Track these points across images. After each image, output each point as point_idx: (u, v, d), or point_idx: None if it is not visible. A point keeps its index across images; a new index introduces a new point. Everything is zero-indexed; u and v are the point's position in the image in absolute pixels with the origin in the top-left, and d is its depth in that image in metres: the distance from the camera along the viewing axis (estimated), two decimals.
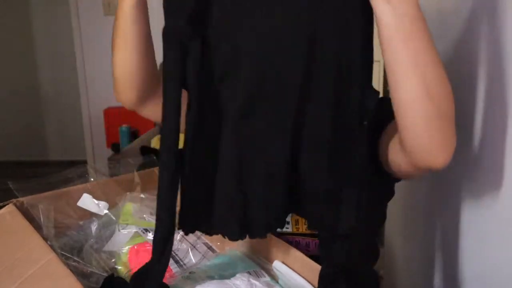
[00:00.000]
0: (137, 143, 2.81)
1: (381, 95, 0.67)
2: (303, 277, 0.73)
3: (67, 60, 3.78)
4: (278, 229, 0.80)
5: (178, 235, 0.81)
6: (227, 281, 0.70)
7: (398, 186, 0.83)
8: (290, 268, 0.75)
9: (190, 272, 0.76)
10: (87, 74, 3.45)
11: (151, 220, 0.87)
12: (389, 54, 0.58)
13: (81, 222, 0.85)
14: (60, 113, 4.24)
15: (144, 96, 0.79)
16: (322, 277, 0.68)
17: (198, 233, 0.80)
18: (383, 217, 0.87)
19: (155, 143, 2.70)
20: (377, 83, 3.00)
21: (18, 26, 4.11)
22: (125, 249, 0.78)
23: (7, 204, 0.83)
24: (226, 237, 0.69)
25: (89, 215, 0.87)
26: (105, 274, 0.72)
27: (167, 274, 0.72)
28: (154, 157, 1.07)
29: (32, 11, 4.10)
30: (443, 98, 0.59)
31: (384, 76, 2.56)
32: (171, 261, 0.76)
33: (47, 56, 4.17)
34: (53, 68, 4.18)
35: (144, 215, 0.87)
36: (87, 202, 0.86)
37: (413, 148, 0.63)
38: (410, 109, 0.59)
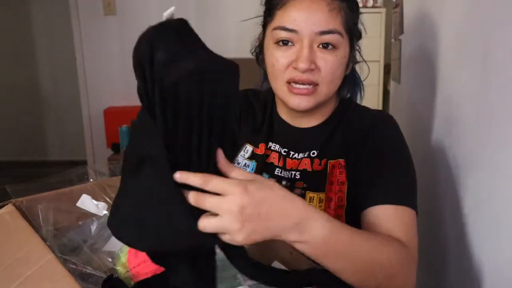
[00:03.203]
0: None
1: (381, 94, 0.66)
2: None
3: (67, 60, 3.79)
4: None
5: None
6: None
7: None
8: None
9: None
10: (87, 74, 3.45)
11: None
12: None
13: (80, 223, 0.85)
14: (60, 113, 4.25)
15: None
16: None
17: None
18: None
19: None
20: (377, 83, 2.99)
21: (18, 26, 4.11)
22: (125, 249, 0.77)
23: (7, 204, 0.83)
24: None
25: (89, 216, 0.86)
26: (104, 275, 0.71)
27: None
28: None
29: (32, 11, 4.11)
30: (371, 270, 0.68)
31: (384, 76, 2.56)
32: None
33: (47, 56, 4.18)
34: (53, 68, 4.19)
35: None
36: (86, 202, 0.86)
37: None
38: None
